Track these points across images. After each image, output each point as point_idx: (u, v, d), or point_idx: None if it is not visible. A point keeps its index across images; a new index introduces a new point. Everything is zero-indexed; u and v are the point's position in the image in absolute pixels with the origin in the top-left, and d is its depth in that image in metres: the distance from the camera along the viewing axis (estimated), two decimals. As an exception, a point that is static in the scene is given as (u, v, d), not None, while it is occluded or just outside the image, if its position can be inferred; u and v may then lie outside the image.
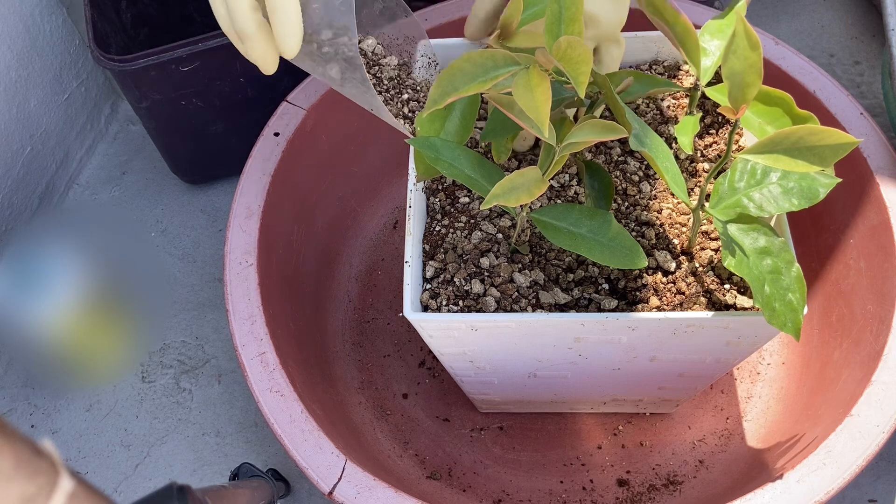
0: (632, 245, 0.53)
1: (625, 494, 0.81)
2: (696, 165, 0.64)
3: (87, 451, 0.90)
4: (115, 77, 0.91)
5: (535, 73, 0.46)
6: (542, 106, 0.45)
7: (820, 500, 0.63)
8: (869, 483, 0.82)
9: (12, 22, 0.94)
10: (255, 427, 0.90)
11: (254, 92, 0.95)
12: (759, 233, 0.52)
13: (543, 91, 0.45)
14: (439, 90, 0.48)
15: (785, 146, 0.45)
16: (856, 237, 0.79)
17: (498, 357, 0.65)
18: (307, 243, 0.89)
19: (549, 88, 0.45)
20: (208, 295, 1.00)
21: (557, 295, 0.58)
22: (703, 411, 0.85)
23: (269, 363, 0.72)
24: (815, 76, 0.84)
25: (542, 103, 0.45)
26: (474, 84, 0.48)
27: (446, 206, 0.63)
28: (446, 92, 0.48)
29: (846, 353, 0.76)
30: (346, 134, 0.92)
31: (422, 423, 0.86)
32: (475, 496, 0.81)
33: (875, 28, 1.15)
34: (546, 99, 0.45)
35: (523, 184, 0.50)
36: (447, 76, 0.48)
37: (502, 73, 0.48)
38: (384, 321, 0.93)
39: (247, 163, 0.83)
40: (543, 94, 0.45)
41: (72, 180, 1.10)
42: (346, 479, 0.66)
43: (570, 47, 0.44)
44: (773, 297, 0.50)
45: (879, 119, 1.04)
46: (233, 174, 1.05)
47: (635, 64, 0.71)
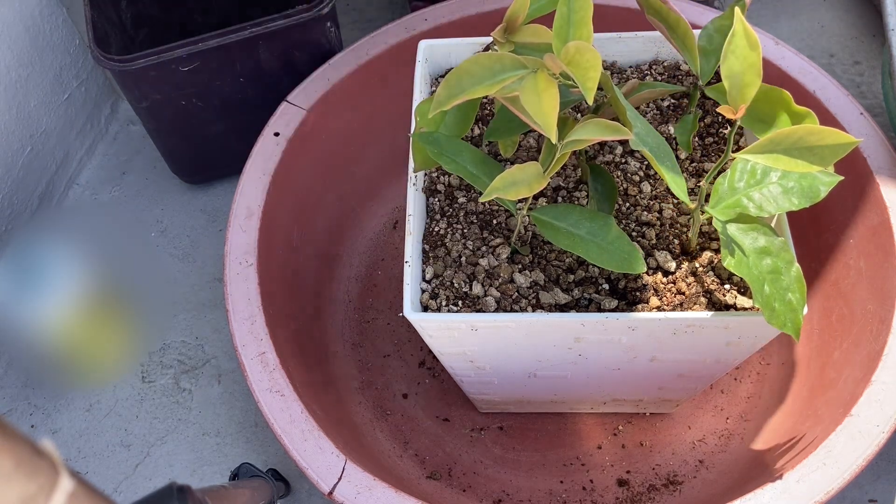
0: (630, 249, 0.53)
1: (625, 494, 0.81)
2: (696, 165, 0.64)
3: (87, 451, 0.90)
4: (115, 77, 0.91)
5: (542, 78, 0.46)
6: (550, 112, 0.45)
7: (820, 500, 0.63)
8: (869, 483, 0.82)
9: (12, 22, 0.94)
10: (255, 427, 0.90)
11: (254, 92, 0.95)
12: (758, 233, 0.52)
13: (551, 96, 0.45)
14: (446, 92, 0.48)
15: (784, 146, 0.45)
16: (856, 237, 0.79)
17: (498, 357, 0.65)
18: (307, 243, 0.89)
19: (557, 94, 0.45)
20: (208, 295, 1.00)
21: (557, 295, 0.58)
22: (703, 411, 0.85)
23: (269, 363, 0.72)
24: (815, 76, 0.84)
25: (549, 109, 0.45)
26: (481, 87, 0.47)
27: (445, 207, 0.63)
28: (453, 94, 0.48)
29: (846, 353, 0.76)
30: (346, 134, 0.92)
31: (422, 423, 0.86)
32: (475, 496, 0.81)
33: (875, 28, 1.15)
34: (553, 105, 0.45)
35: (523, 178, 0.50)
36: (454, 78, 0.48)
37: (510, 76, 0.47)
38: (384, 321, 0.93)
39: (247, 163, 0.83)
40: (551, 99, 0.45)
41: (72, 180, 1.10)
42: (346, 479, 0.66)
43: (579, 52, 0.44)
44: (772, 297, 0.50)
45: (879, 119, 1.04)
46: (233, 174, 1.05)
47: (635, 64, 0.71)
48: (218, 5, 1.09)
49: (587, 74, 0.45)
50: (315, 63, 0.90)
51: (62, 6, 1.03)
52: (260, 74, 0.93)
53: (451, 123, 0.57)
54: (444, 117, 0.57)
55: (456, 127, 0.57)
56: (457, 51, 0.70)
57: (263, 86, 0.95)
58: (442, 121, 0.57)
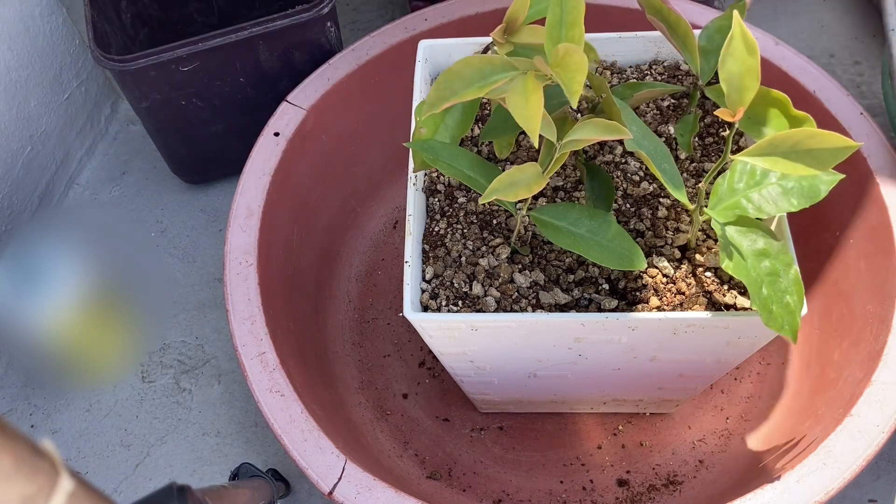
0: (631, 247, 0.53)
1: (625, 494, 0.81)
2: (697, 165, 0.64)
3: (87, 451, 0.90)
4: (115, 77, 0.91)
5: (530, 81, 0.46)
6: (534, 115, 0.45)
7: (820, 500, 0.63)
8: (869, 483, 0.82)
9: (12, 22, 0.94)
10: (255, 427, 0.90)
11: (254, 92, 0.95)
12: (757, 235, 0.52)
13: (536, 100, 0.45)
14: (437, 94, 0.48)
15: (783, 149, 0.45)
16: (856, 237, 0.79)
17: (498, 357, 0.65)
18: (307, 243, 0.89)
19: (542, 97, 0.45)
20: (208, 295, 1.00)
21: (557, 295, 0.58)
22: (703, 411, 0.85)
23: (269, 363, 0.72)
24: (815, 76, 0.84)
25: (534, 112, 0.45)
26: (472, 89, 0.47)
27: (445, 207, 0.63)
28: (444, 96, 0.48)
29: (846, 353, 0.76)
30: (346, 134, 0.92)
31: (422, 423, 0.86)
32: (475, 496, 0.81)
33: (875, 28, 1.15)
34: (538, 108, 0.45)
35: (522, 179, 0.50)
36: (445, 80, 0.48)
37: (500, 78, 0.47)
38: (384, 321, 0.93)
39: (247, 163, 0.83)
40: (536, 102, 0.45)
41: (72, 180, 1.10)
42: (346, 479, 0.66)
43: (567, 54, 0.44)
44: (770, 300, 0.50)
45: (879, 119, 1.03)
46: (233, 174, 1.05)
47: (635, 64, 0.71)
48: (218, 5, 1.09)
49: (573, 77, 0.45)
50: (315, 63, 0.90)
51: (62, 6, 1.03)
52: (260, 74, 0.93)
53: (452, 125, 0.57)
54: (444, 118, 0.57)
55: (456, 128, 0.57)
56: (457, 51, 0.70)
57: (263, 86, 0.95)
58: (442, 122, 0.57)
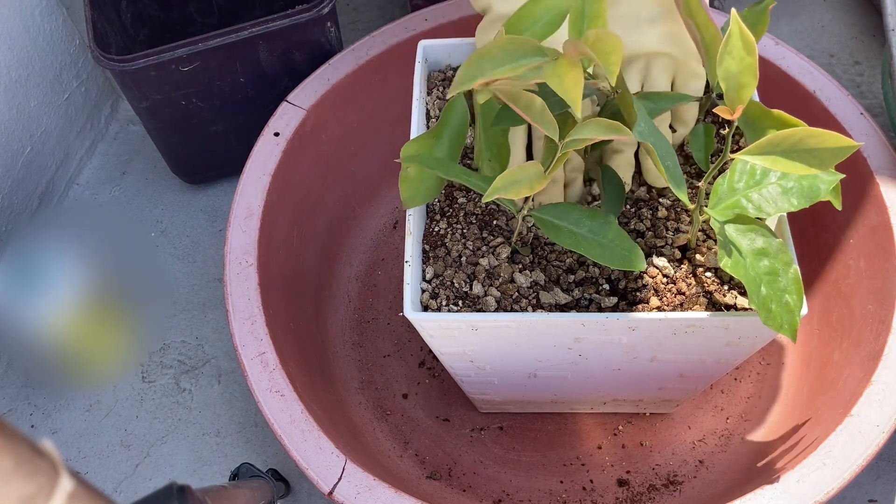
0: (631, 247, 0.53)
1: (625, 494, 0.81)
2: (697, 166, 0.64)
3: (87, 451, 0.90)
4: (115, 77, 0.91)
5: (563, 63, 0.46)
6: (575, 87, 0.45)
7: (820, 500, 0.63)
8: (869, 483, 0.82)
9: (12, 22, 0.94)
10: (255, 427, 0.90)
11: (254, 92, 0.95)
12: (756, 234, 0.52)
13: (575, 76, 0.45)
14: (467, 72, 0.47)
15: (783, 148, 0.45)
16: (856, 237, 0.79)
17: (498, 357, 0.65)
18: (307, 243, 0.89)
19: (581, 74, 0.45)
20: (208, 295, 1.00)
21: (558, 295, 0.58)
22: (703, 411, 0.85)
23: (269, 363, 0.72)
24: (815, 76, 0.84)
25: (573, 84, 0.45)
26: (501, 70, 0.47)
27: (445, 207, 0.63)
28: (473, 75, 0.47)
29: (846, 353, 0.76)
30: (345, 134, 0.92)
31: (422, 423, 0.86)
32: (475, 496, 0.81)
33: (875, 28, 1.15)
34: (578, 82, 0.45)
35: (524, 178, 0.50)
36: (476, 59, 0.47)
37: (530, 62, 0.47)
38: (384, 321, 0.93)
39: (247, 163, 0.83)
40: (576, 77, 0.45)
41: (72, 180, 1.10)
42: (346, 479, 0.66)
43: (600, 39, 0.44)
44: (769, 299, 0.50)
45: (879, 119, 1.03)
46: (233, 174, 1.05)
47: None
48: (218, 5, 1.09)
49: (609, 58, 0.44)
50: (315, 63, 0.90)
51: (62, 6, 1.03)
52: (260, 74, 0.93)
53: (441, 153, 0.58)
54: (435, 145, 0.57)
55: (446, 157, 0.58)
56: (456, 51, 0.70)
57: (263, 86, 0.95)
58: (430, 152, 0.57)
